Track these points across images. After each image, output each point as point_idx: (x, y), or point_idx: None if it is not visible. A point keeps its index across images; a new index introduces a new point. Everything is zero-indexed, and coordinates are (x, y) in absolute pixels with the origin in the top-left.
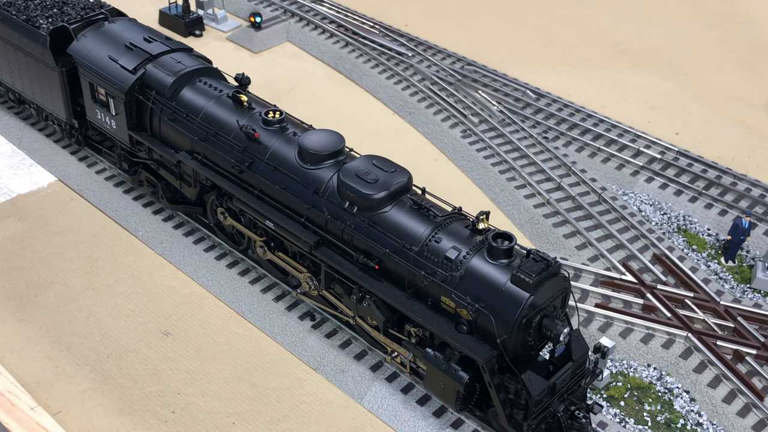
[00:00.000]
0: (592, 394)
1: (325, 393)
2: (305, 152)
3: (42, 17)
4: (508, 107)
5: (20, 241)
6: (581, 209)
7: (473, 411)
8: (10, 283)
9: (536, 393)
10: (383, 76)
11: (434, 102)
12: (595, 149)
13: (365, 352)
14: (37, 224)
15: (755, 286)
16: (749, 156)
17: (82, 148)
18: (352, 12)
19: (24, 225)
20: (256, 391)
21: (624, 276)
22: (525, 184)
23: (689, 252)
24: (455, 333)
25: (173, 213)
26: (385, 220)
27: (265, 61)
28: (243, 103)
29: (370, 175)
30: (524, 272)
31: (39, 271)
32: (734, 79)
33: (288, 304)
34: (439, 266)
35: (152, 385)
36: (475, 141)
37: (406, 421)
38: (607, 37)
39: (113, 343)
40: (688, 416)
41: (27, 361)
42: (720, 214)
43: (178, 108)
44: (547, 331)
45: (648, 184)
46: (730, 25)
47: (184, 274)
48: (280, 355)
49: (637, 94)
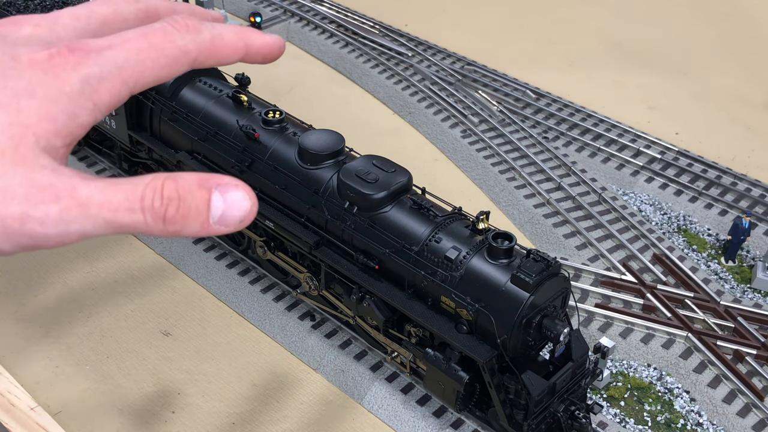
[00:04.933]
0: (592, 394)
1: (325, 393)
2: (305, 152)
3: None
4: (508, 107)
5: None
6: (581, 209)
7: (473, 411)
8: (10, 283)
9: (536, 393)
10: (383, 76)
11: (434, 102)
12: (595, 149)
13: (365, 352)
14: None
15: (755, 286)
16: (749, 156)
17: (81, 148)
18: (352, 12)
19: None
20: (256, 391)
21: (624, 276)
22: (525, 184)
23: (689, 252)
24: (455, 333)
25: None
26: (385, 220)
27: None
28: (243, 103)
29: (370, 175)
30: (524, 272)
31: (39, 271)
32: (734, 79)
33: (288, 304)
34: (439, 266)
35: (152, 385)
36: (475, 141)
37: (406, 421)
38: (607, 37)
39: (113, 343)
40: (688, 416)
41: (27, 361)
42: (720, 214)
43: (178, 108)
44: (547, 331)
45: (648, 184)
46: (730, 25)
47: (184, 274)
48: (280, 355)
49: (637, 94)
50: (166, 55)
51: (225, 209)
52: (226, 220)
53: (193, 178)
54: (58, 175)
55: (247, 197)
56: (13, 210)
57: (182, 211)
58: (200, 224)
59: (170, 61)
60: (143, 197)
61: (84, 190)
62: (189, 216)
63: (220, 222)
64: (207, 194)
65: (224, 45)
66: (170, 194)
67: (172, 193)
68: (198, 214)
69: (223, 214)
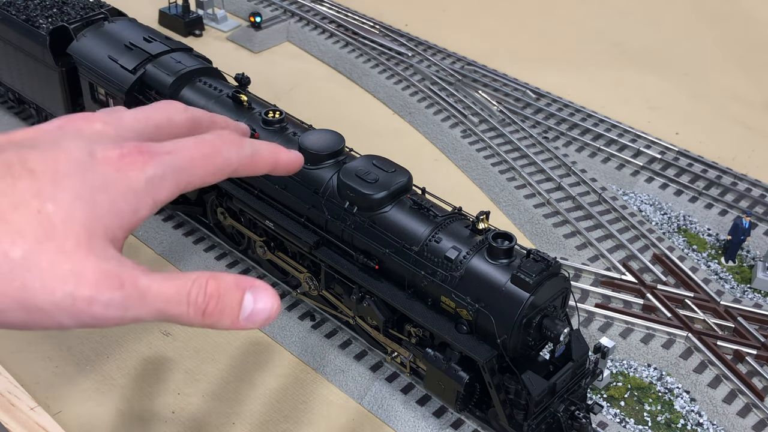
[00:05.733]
0: (592, 394)
1: (325, 393)
2: (305, 152)
3: (42, 17)
4: (508, 107)
5: None
6: (581, 209)
7: (473, 411)
8: None
9: (536, 393)
10: (383, 76)
11: (434, 102)
12: (595, 149)
13: (365, 352)
14: None
15: (755, 286)
16: (749, 156)
17: None
18: (352, 12)
19: None
20: (256, 391)
21: (624, 276)
22: (525, 184)
23: (689, 252)
24: (455, 333)
25: (173, 213)
26: (385, 220)
27: (265, 61)
28: (243, 103)
29: (370, 175)
30: (524, 272)
31: None
32: (734, 79)
33: (288, 304)
34: (439, 266)
35: (152, 385)
36: (475, 141)
37: (406, 421)
38: (607, 37)
39: (113, 343)
40: (689, 416)
41: (27, 361)
42: (720, 214)
43: None
44: (547, 331)
45: (648, 184)
46: (730, 25)
47: None
48: (280, 355)
49: (637, 94)
50: (213, 164)
51: (253, 309)
52: (253, 318)
53: (231, 279)
54: (122, 265)
55: (273, 301)
56: (84, 293)
57: (219, 307)
58: (231, 320)
59: (216, 170)
60: (190, 292)
61: (144, 280)
62: (224, 312)
63: (248, 319)
64: (241, 294)
65: (260, 160)
66: (212, 292)
67: (213, 292)
68: (231, 311)
69: (251, 313)
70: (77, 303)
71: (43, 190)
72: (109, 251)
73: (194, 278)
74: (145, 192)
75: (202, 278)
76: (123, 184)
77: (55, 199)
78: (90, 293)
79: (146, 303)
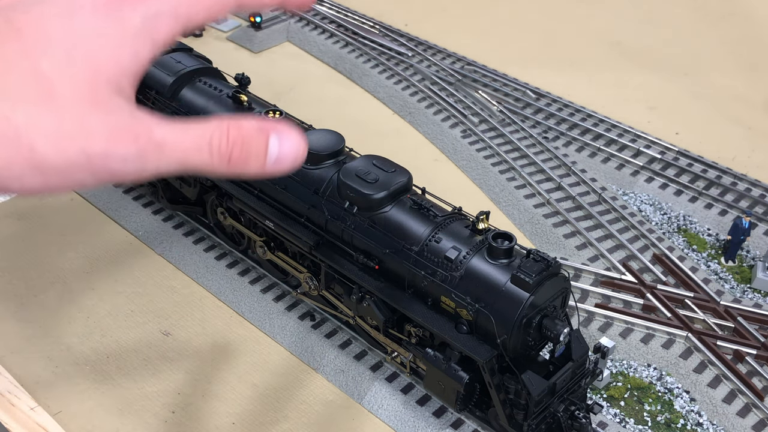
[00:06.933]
0: (592, 394)
1: (325, 393)
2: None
3: None
4: (508, 107)
5: (20, 241)
6: (581, 209)
7: (473, 411)
8: (10, 283)
9: (536, 393)
10: (383, 76)
11: (434, 102)
12: (595, 149)
13: (365, 352)
14: (37, 224)
15: (755, 286)
16: (749, 156)
17: None
18: (352, 12)
19: (24, 225)
20: (256, 391)
21: (624, 276)
22: (525, 184)
23: (689, 252)
24: (455, 333)
25: (173, 213)
26: (385, 220)
27: (265, 61)
28: (243, 103)
29: (370, 175)
30: (524, 272)
31: (39, 271)
32: (734, 79)
33: (288, 304)
34: (439, 266)
35: (152, 385)
36: (475, 141)
37: (406, 421)
38: (607, 37)
39: (113, 343)
40: (688, 416)
41: (27, 361)
42: (720, 214)
43: (178, 108)
44: (547, 331)
45: (648, 184)
46: (730, 25)
47: (184, 274)
48: (280, 355)
49: (637, 94)
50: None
51: (279, 152)
52: (281, 161)
53: (253, 123)
54: (134, 116)
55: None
56: (96, 149)
57: (244, 153)
58: (258, 165)
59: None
60: (211, 140)
61: (159, 131)
62: (250, 158)
63: (276, 163)
64: (265, 138)
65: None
66: (235, 138)
67: (236, 137)
68: (257, 156)
69: (278, 157)
70: (93, 160)
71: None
72: (116, 102)
73: (215, 125)
74: (143, 31)
75: (223, 124)
76: (116, 28)
77: (48, 56)
78: (102, 149)
79: (165, 154)
